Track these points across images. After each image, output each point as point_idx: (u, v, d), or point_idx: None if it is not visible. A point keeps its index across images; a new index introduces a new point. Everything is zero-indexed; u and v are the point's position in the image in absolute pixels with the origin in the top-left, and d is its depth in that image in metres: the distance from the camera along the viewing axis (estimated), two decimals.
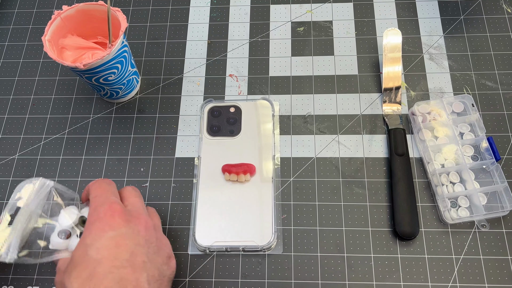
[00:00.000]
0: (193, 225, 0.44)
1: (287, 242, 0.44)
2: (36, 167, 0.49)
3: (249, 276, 0.43)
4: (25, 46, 0.56)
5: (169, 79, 0.53)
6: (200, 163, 0.47)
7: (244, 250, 0.43)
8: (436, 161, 0.45)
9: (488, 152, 0.45)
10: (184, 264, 0.43)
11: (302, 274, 0.42)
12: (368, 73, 0.51)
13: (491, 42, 0.52)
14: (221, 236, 0.43)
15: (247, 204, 0.44)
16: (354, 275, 0.42)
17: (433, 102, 0.47)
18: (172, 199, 0.46)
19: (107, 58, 0.43)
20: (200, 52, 0.54)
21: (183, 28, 0.56)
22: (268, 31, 0.55)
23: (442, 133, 0.46)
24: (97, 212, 0.35)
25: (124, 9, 0.57)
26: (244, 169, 0.45)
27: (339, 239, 0.44)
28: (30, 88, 0.53)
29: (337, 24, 0.54)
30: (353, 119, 0.49)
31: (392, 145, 0.46)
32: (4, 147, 0.50)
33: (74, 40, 0.47)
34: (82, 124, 0.51)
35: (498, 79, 0.50)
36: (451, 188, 0.44)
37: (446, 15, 0.54)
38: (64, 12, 0.45)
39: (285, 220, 0.45)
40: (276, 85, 0.51)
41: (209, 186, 0.46)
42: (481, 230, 0.43)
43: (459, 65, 0.51)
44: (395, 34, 0.50)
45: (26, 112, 0.52)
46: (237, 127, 0.48)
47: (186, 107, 0.51)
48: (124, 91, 0.50)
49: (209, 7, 0.57)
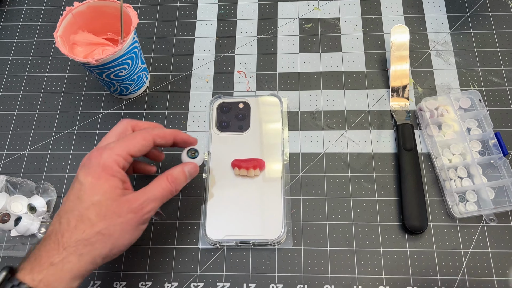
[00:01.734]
0: (203, 219, 0.44)
1: (297, 237, 0.44)
2: (46, 162, 0.49)
3: (259, 269, 0.43)
4: (35, 43, 0.56)
5: (178, 75, 0.53)
6: (209, 159, 0.47)
7: (254, 244, 0.44)
8: (444, 156, 0.46)
9: (495, 147, 0.45)
10: (194, 258, 0.44)
11: (312, 267, 0.43)
12: (376, 69, 0.52)
13: (497, 38, 0.52)
14: (231, 230, 0.44)
15: (257, 199, 0.45)
16: (363, 268, 0.43)
17: (440, 98, 0.48)
18: (183, 194, 0.47)
19: (119, 54, 0.43)
20: (209, 49, 0.54)
21: (191, 25, 0.56)
22: (276, 28, 0.55)
23: (449, 129, 0.47)
24: None
25: (133, 6, 0.57)
26: (253, 164, 0.46)
27: (348, 233, 0.44)
28: (39, 84, 0.54)
29: (344, 21, 0.55)
30: (361, 114, 0.49)
31: (401, 140, 0.47)
32: (15, 142, 0.50)
33: (84, 36, 0.47)
34: (91, 120, 0.51)
35: (504, 75, 0.50)
36: (459, 183, 0.45)
37: (452, 12, 0.54)
38: (76, 8, 0.46)
39: (295, 215, 0.45)
40: (284, 81, 0.52)
41: (219, 181, 0.46)
42: (489, 224, 0.44)
43: (465, 61, 0.51)
44: (403, 31, 0.51)
45: (36, 108, 0.52)
46: (246, 123, 0.48)
47: (195, 103, 0.51)
48: (134, 87, 0.50)
49: (217, 4, 0.57)
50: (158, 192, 0.37)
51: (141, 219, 0.36)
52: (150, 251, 0.44)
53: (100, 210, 0.34)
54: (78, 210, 0.34)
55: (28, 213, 0.45)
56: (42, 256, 0.33)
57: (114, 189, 0.35)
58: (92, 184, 0.35)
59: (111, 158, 0.36)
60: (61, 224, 0.34)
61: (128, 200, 0.35)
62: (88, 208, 0.34)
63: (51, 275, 0.32)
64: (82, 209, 0.34)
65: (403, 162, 0.46)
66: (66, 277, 0.32)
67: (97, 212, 0.34)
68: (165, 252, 0.44)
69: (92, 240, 0.34)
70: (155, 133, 0.39)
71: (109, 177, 0.35)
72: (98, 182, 0.35)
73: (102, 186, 0.35)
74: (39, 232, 0.46)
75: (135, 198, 0.36)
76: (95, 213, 0.34)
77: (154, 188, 0.37)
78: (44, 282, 0.32)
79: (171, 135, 0.40)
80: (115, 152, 0.36)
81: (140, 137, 0.38)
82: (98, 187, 0.35)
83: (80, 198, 0.35)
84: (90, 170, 0.36)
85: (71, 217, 0.34)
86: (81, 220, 0.34)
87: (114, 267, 0.44)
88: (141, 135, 0.38)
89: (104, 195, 0.35)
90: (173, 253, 0.44)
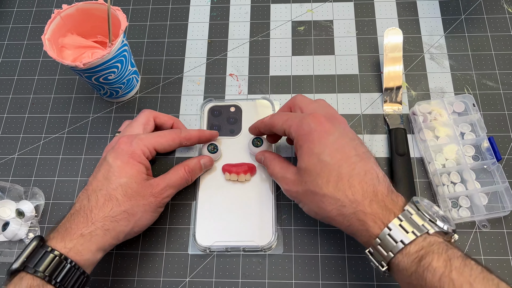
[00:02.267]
0: (193, 225, 0.44)
1: (288, 242, 0.44)
2: (36, 166, 0.49)
3: (250, 276, 0.42)
4: (25, 45, 0.56)
5: (169, 78, 0.53)
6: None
7: (244, 250, 0.43)
8: (437, 161, 0.45)
9: (489, 152, 0.45)
10: (184, 264, 0.43)
11: (303, 274, 0.42)
12: (369, 73, 0.51)
13: (492, 41, 0.52)
14: (221, 236, 0.43)
15: (248, 204, 0.44)
16: (354, 275, 0.42)
17: (434, 102, 0.47)
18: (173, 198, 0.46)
19: (107, 58, 0.43)
20: (200, 51, 0.54)
21: (183, 27, 0.55)
22: (269, 30, 0.55)
23: (443, 133, 0.46)
24: (307, 123, 0.37)
25: (124, 8, 0.56)
26: (244, 169, 0.45)
27: (340, 239, 0.44)
28: (29, 87, 0.53)
29: (337, 24, 0.54)
30: (353, 118, 0.49)
31: (393, 145, 0.46)
32: (4, 146, 0.50)
33: (74, 39, 0.47)
34: (81, 124, 0.51)
35: (499, 78, 0.50)
36: (452, 188, 0.44)
37: (447, 14, 0.54)
38: (64, 11, 0.45)
39: (286, 220, 0.45)
40: (276, 84, 0.51)
41: (210, 186, 0.45)
42: (482, 230, 0.43)
43: (460, 64, 0.51)
44: (396, 33, 0.50)
45: (26, 111, 0.52)
46: (238, 126, 0.48)
47: (186, 106, 0.51)
48: (124, 91, 0.50)
49: (209, 6, 0.57)
50: (177, 179, 0.42)
51: (160, 203, 0.40)
52: (139, 257, 0.44)
53: (126, 191, 0.38)
54: (106, 189, 0.38)
55: (16, 218, 0.45)
56: (72, 228, 0.36)
57: (140, 174, 0.39)
58: (120, 167, 0.39)
59: (139, 147, 0.40)
60: (90, 201, 0.38)
61: (150, 185, 0.40)
62: (115, 189, 0.38)
63: (80, 245, 0.36)
64: (110, 189, 0.38)
65: (395, 167, 0.45)
66: (92, 248, 0.36)
67: (124, 192, 0.38)
68: (154, 258, 0.44)
69: (117, 217, 0.37)
70: (183, 136, 0.43)
71: (136, 163, 0.40)
72: (126, 166, 0.39)
73: (129, 170, 0.39)
74: (27, 237, 0.45)
75: (157, 183, 0.40)
76: (122, 194, 0.38)
77: (173, 176, 0.42)
78: (74, 250, 0.35)
79: (197, 137, 0.44)
80: (144, 142, 0.41)
81: (170, 137, 0.42)
82: (126, 171, 0.39)
83: (108, 179, 0.38)
84: (119, 155, 0.39)
85: (99, 195, 0.38)
86: (109, 199, 0.38)
87: (102, 273, 0.43)
88: (171, 136, 0.43)
89: (131, 178, 0.39)
90: (163, 258, 0.44)
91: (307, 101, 0.42)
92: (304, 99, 0.42)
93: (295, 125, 0.38)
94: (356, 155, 0.36)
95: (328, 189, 0.35)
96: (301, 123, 0.38)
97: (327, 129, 0.37)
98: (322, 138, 0.36)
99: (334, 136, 0.37)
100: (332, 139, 0.36)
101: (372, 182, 0.35)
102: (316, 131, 0.37)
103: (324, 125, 0.37)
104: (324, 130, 0.37)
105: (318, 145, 0.36)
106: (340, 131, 0.37)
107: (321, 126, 0.37)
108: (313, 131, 0.37)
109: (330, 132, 0.37)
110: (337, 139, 0.36)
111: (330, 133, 0.37)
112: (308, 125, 0.37)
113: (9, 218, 0.44)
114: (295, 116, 0.39)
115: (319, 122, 0.37)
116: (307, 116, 0.38)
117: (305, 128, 0.37)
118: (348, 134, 0.38)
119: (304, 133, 0.37)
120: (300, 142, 0.38)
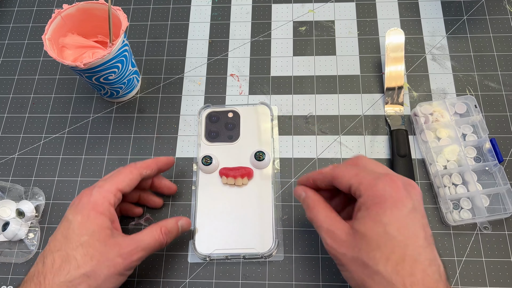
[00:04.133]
0: (192, 232, 0.43)
1: (288, 244, 0.43)
2: (36, 166, 0.48)
3: (250, 284, 0.42)
4: (25, 45, 0.56)
5: (170, 78, 0.52)
6: (198, 170, 0.46)
7: (244, 258, 0.43)
8: (438, 162, 0.45)
9: (491, 154, 0.45)
10: (184, 273, 0.43)
11: (303, 276, 0.42)
12: (371, 73, 0.51)
13: (494, 42, 0.52)
14: (221, 243, 0.42)
15: (246, 209, 0.44)
16: None
17: (435, 103, 0.47)
18: (173, 199, 0.46)
19: (108, 58, 0.43)
20: (201, 52, 0.54)
21: (184, 27, 0.55)
22: (270, 30, 0.54)
23: (444, 134, 0.46)
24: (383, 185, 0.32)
25: (125, 8, 0.56)
26: (241, 172, 0.45)
27: None
28: (30, 87, 0.53)
29: (339, 24, 0.54)
30: (355, 119, 0.49)
31: (394, 146, 0.46)
32: (4, 146, 0.50)
33: (74, 39, 0.46)
34: (82, 124, 0.50)
35: (501, 80, 0.50)
36: (454, 190, 0.44)
37: (449, 15, 0.54)
38: (65, 10, 0.45)
39: (286, 222, 0.44)
40: (277, 85, 0.51)
41: (208, 192, 0.45)
42: (484, 232, 0.43)
43: (462, 65, 0.51)
44: (398, 33, 0.50)
45: (26, 111, 0.52)
46: (236, 132, 0.47)
47: (187, 106, 0.51)
48: (125, 91, 0.49)
49: (210, 6, 0.56)
50: (150, 242, 0.37)
51: (128, 266, 0.35)
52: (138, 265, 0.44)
53: (87, 251, 0.34)
54: (65, 249, 0.34)
55: (16, 218, 0.44)
56: None
57: (104, 229, 0.35)
58: (81, 223, 0.35)
59: (101, 195, 0.36)
60: (45, 264, 0.34)
61: (118, 244, 0.35)
62: (75, 249, 0.34)
63: None
64: (69, 249, 0.34)
65: (397, 168, 0.45)
66: None
67: (84, 252, 0.34)
68: (153, 265, 0.43)
69: (75, 282, 0.33)
70: (139, 165, 0.40)
71: (99, 215, 0.35)
72: (87, 222, 0.35)
73: (91, 225, 0.35)
74: (27, 237, 0.45)
75: (126, 243, 0.36)
76: (82, 254, 0.34)
77: (147, 237, 0.37)
78: None
79: (154, 162, 0.42)
80: (104, 189, 0.37)
81: (126, 171, 0.39)
82: (87, 227, 0.35)
83: (68, 238, 0.34)
84: (79, 209, 0.36)
85: (56, 257, 0.34)
86: (66, 260, 0.33)
87: None
88: (127, 169, 0.39)
89: (92, 236, 0.34)
90: (162, 264, 0.43)
91: (374, 162, 0.37)
92: (370, 160, 0.37)
93: (367, 183, 0.33)
94: (424, 238, 0.31)
95: (386, 268, 0.30)
96: (375, 182, 0.33)
97: (403, 199, 0.32)
98: (394, 207, 0.32)
99: (407, 209, 0.32)
100: (405, 212, 0.32)
101: (434, 277, 0.30)
102: (392, 198, 0.32)
103: (401, 193, 0.32)
104: (400, 199, 0.32)
105: (389, 215, 0.31)
106: (415, 204, 0.32)
107: (397, 193, 0.32)
108: (388, 197, 0.32)
109: (405, 203, 0.32)
110: (409, 212, 0.32)
111: (404, 204, 0.32)
112: (384, 187, 0.32)
113: (9, 218, 0.44)
114: (367, 173, 0.34)
115: (396, 187, 0.32)
116: (383, 176, 0.33)
117: (380, 189, 0.32)
118: (421, 210, 0.33)
119: (378, 195, 0.32)
120: (368, 203, 0.32)
